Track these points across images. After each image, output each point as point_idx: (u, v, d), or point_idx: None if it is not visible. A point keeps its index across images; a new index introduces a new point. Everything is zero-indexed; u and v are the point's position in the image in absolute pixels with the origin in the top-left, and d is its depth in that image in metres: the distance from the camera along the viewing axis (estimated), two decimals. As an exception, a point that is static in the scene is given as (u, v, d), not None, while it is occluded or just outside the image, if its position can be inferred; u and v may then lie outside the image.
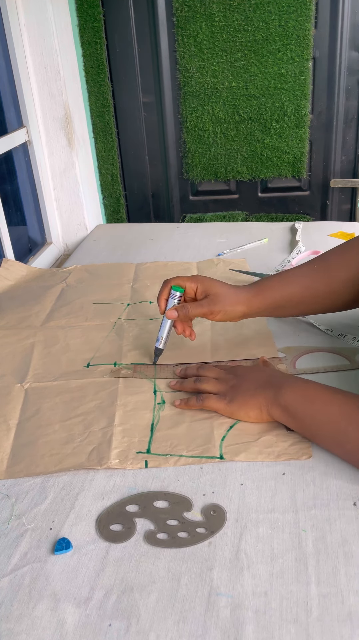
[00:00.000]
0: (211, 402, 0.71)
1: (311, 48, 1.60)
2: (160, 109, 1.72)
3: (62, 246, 1.58)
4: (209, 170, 1.77)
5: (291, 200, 1.84)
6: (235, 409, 0.69)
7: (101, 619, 0.49)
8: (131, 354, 0.87)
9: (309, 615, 0.48)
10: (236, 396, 0.70)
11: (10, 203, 1.36)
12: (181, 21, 1.57)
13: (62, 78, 1.40)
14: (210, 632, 0.47)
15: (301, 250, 1.23)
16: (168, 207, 1.86)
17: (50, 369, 0.84)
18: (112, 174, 1.77)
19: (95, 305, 1.03)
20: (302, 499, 0.59)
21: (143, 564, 0.54)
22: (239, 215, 1.84)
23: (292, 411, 0.65)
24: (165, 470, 0.64)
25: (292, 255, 1.22)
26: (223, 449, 0.66)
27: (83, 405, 0.75)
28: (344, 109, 1.70)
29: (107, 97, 1.66)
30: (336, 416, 0.62)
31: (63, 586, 0.52)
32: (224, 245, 1.31)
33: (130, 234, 1.44)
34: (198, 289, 0.80)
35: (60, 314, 1.01)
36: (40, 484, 0.64)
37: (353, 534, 0.55)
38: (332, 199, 1.82)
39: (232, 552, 0.54)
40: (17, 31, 1.32)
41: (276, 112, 1.67)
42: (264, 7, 1.54)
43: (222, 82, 1.64)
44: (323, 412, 0.63)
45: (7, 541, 0.57)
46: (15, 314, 1.01)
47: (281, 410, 0.66)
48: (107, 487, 0.63)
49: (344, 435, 0.61)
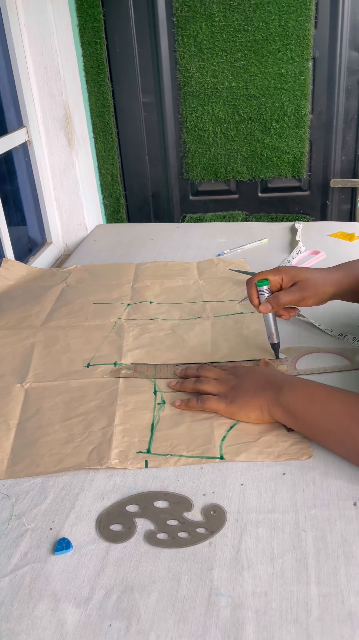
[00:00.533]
0: (211, 403, 0.71)
1: (311, 48, 1.60)
2: (160, 109, 1.72)
3: (62, 246, 1.58)
4: (209, 170, 1.77)
5: (291, 200, 1.84)
6: (235, 410, 0.69)
7: (101, 619, 0.49)
8: (131, 354, 0.87)
9: (310, 616, 0.48)
10: (236, 397, 0.70)
11: (10, 203, 1.36)
12: (181, 21, 1.57)
13: (62, 78, 1.40)
14: (210, 632, 0.47)
15: (302, 250, 1.23)
16: (168, 207, 1.86)
17: (50, 368, 0.84)
18: (112, 174, 1.77)
19: (95, 305, 1.03)
20: (302, 499, 0.59)
21: (143, 564, 0.54)
22: (239, 215, 1.84)
23: (293, 411, 0.65)
24: (165, 470, 0.64)
25: (292, 255, 1.22)
26: (223, 449, 0.66)
27: (84, 405, 0.75)
28: (344, 109, 1.70)
29: (107, 97, 1.66)
30: (337, 414, 0.62)
31: (63, 586, 0.52)
32: (224, 245, 1.31)
33: (130, 234, 1.44)
34: (283, 279, 0.81)
35: (61, 314, 1.01)
36: (40, 484, 0.64)
37: (353, 534, 0.55)
38: (332, 199, 1.82)
39: (232, 552, 0.54)
40: (17, 31, 1.32)
41: (276, 112, 1.67)
42: (264, 7, 1.54)
43: (222, 82, 1.64)
44: (323, 410, 0.63)
45: (7, 541, 0.57)
46: (15, 314, 1.02)
47: (282, 411, 0.66)
48: (107, 487, 0.63)
49: (346, 433, 0.61)
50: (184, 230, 1.45)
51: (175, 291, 1.08)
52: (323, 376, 0.79)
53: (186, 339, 0.90)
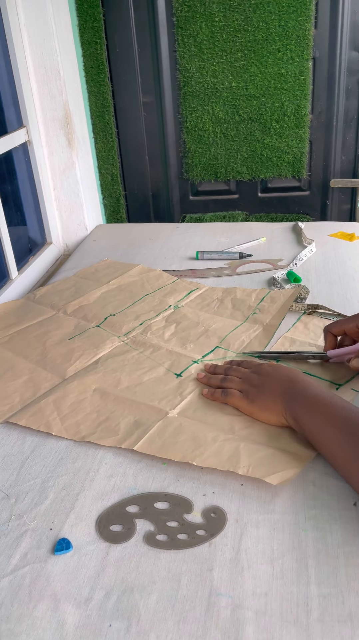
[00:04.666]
0: (234, 398, 0.73)
1: (311, 48, 1.60)
2: (160, 109, 1.72)
3: (62, 246, 1.58)
4: (209, 170, 1.77)
5: (291, 200, 1.84)
6: (255, 410, 0.70)
7: (101, 619, 0.49)
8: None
9: (310, 616, 0.48)
10: (257, 397, 0.71)
11: (10, 203, 1.36)
12: (181, 21, 1.57)
13: (62, 78, 1.40)
14: (211, 633, 0.47)
15: (313, 250, 1.23)
16: (168, 207, 1.86)
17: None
18: (112, 174, 1.77)
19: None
20: (302, 500, 0.59)
21: (143, 565, 0.53)
22: (239, 215, 1.84)
23: (300, 422, 0.65)
24: (165, 470, 0.64)
25: (304, 253, 1.21)
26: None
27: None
28: (344, 109, 1.70)
29: (107, 97, 1.66)
30: (339, 428, 0.61)
31: (63, 586, 0.52)
32: (224, 245, 1.31)
33: (130, 234, 1.44)
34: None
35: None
36: (40, 484, 0.64)
37: (353, 535, 0.55)
38: (332, 199, 1.82)
39: (232, 553, 0.54)
40: (17, 31, 1.32)
41: (276, 112, 1.67)
42: (264, 7, 1.54)
43: (222, 82, 1.64)
44: (327, 424, 0.62)
45: (7, 541, 0.57)
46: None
47: (293, 420, 0.66)
48: (107, 487, 0.63)
49: (341, 455, 0.60)
50: (184, 230, 1.44)
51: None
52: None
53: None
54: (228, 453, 0.64)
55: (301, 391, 0.67)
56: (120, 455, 0.67)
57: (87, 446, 0.69)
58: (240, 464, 0.63)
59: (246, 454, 0.64)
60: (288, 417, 0.67)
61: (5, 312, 1.05)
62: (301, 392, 0.67)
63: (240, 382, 0.75)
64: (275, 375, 0.73)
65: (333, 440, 0.61)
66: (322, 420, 0.63)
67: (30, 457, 0.68)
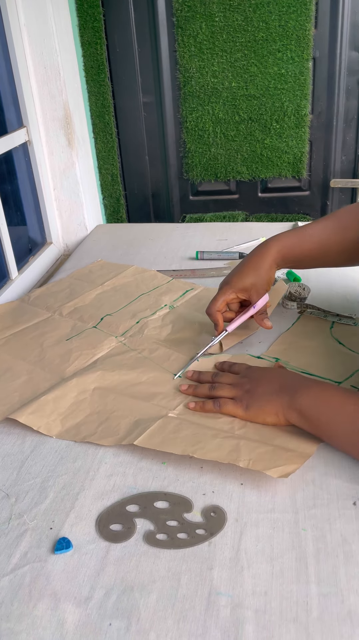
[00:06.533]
0: (229, 407, 0.71)
1: (311, 48, 1.60)
2: (160, 109, 1.72)
3: (62, 246, 1.58)
4: (209, 170, 1.77)
5: (291, 200, 1.84)
6: (253, 415, 0.69)
7: (101, 618, 0.49)
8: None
9: (309, 615, 0.48)
10: (252, 402, 0.70)
11: (10, 203, 1.36)
12: (181, 21, 1.57)
13: (62, 78, 1.40)
14: (210, 632, 0.47)
15: None
16: (168, 207, 1.87)
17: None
18: (112, 174, 1.77)
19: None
20: (302, 499, 0.59)
21: (143, 564, 0.54)
22: (239, 215, 1.84)
23: (307, 415, 0.65)
24: (165, 469, 0.64)
25: None
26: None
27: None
28: (344, 109, 1.70)
29: (107, 97, 1.66)
30: (352, 416, 0.61)
31: (63, 586, 0.52)
32: (224, 245, 1.31)
33: (130, 234, 1.44)
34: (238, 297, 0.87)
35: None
36: (40, 484, 0.64)
37: (353, 534, 0.55)
38: (332, 199, 1.82)
39: (232, 552, 0.54)
40: (17, 31, 1.32)
41: (276, 112, 1.67)
42: (264, 7, 1.54)
43: (222, 82, 1.64)
44: (338, 413, 0.63)
45: (7, 541, 0.57)
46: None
47: (297, 415, 0.66)
48: (107, 487, 0.63)
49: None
50: (184, 230, 1.45)
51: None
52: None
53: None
54: (229, 448, 0.65)
55: (302, 385, 0.67)
56: (120, 454, 0.68)
57: (87, 446, 0.69)
58: (241, 457, 0.63)
59: (247, 449, 0.64)
60: (287, 414, 0.67)
61: (0, 315, 1.05)
62: (303, 386, 0.67)
63: (231, 389, 0.73)
64: (266, 376, 0.73)
65: (349, 427, 0.61)
66: (333, 410, 0.63)
67: (30, 456, 0.68)
